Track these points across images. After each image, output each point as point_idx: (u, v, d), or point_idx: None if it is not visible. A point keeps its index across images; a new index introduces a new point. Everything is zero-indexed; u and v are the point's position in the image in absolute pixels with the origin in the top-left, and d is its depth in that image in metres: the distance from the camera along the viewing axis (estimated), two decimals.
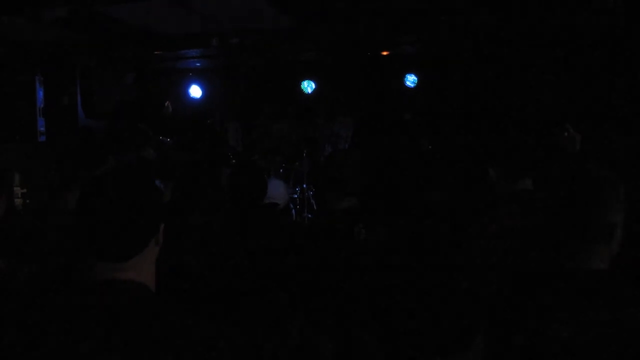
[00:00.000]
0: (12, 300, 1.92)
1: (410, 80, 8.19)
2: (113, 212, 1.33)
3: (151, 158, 5.62)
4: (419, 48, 7.46)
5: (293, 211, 7.55)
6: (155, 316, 1.30)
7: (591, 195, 1.46)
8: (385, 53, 7.73)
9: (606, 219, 1.46)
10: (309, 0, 5.50)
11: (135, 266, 1.36)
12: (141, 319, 1.28)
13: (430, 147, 7.35)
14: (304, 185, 7.87)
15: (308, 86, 8.63)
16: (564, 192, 1.49)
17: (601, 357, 1.28)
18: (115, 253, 1.34)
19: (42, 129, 7.12)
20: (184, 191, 3.33)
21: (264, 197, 2.97)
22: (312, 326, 1.77)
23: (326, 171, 2.69)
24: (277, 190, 3.83)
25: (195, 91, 8.89)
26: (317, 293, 2.20)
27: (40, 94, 7.14)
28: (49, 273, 2.10)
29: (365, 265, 1.83)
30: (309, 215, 7.63)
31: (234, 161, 7.49)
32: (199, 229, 2.97)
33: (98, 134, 7.44)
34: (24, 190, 4.32)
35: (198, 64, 8.60)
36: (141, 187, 1.40)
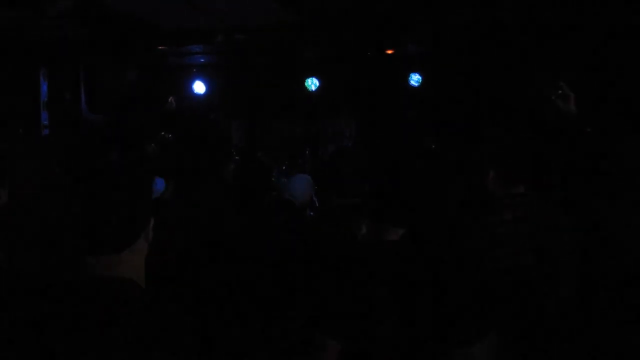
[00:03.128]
0: (8, 293, 1.91)
1: (415, 79, 8.17)
2: (103, 205, 1.33)
3: (154, 153, 5.62)
4: (423, 47, 7.44)
5: None
6: (145, 313, 1.30)
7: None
8: (389, 52, 7.71)
9: None
10: None
11: (125, 261, 1.35)
12: (131, 316, 1.27)
13: (433, 146, 7.33)
14: None
15: (312, 84, 8.61)
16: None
17: None
18: (106, 246, 1.33)
19: (46, 122, 7.12)
20: (187, 187, 3.32)
21: (268, 193, 2.96)
22: (316, 324, 1.77)
23: (329, 169, 2.69)
24: (297, 188, 3.52)
25: (199, 87, 8.88)
26: (321, 291, 2.19)
27: (44, 87, 7.15)
28: (46, 266, 2.10)
29: (372, 263, 1.82)
30: (311, 213, 7.61)
31: (237, 158, 7.48)
32: (202, 225, 2.96)
33: (101, 128, 7.46)
34: (28, 183, 4.31)
35: (202, 60, 8.59)
36: (132, 181, 1.40)
